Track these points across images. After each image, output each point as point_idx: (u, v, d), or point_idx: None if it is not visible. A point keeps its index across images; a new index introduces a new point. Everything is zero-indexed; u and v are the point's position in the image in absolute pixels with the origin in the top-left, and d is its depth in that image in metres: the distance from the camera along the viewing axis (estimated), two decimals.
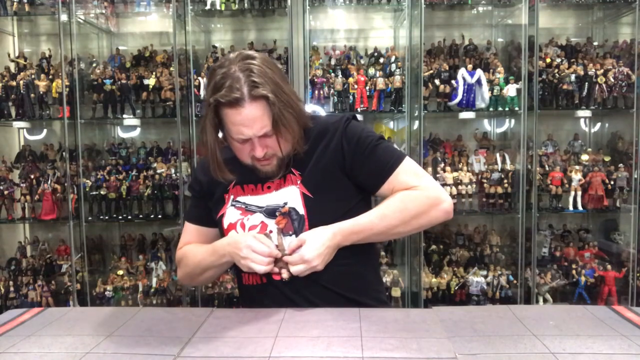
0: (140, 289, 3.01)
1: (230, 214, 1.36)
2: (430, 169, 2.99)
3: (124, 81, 3.00)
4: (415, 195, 1.27)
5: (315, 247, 1.20)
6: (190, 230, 1.48)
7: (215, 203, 1.41)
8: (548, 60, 3.00)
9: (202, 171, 1.44)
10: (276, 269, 1.25)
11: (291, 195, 1.30)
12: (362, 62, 3.14)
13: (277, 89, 1.20)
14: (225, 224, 1.36)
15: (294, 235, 1.27)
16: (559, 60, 3.01)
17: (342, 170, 1.31)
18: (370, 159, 1.30)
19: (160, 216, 3.07)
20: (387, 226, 1.27)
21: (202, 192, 1.44)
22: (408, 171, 1.30)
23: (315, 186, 1.30)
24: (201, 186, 1.44)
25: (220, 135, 1.29)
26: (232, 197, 1.37)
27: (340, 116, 1.37)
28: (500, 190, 2.97)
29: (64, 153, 3.03)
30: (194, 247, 1.43)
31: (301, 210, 1.28)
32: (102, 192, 3.02)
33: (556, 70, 2.96)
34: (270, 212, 1.31)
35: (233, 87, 1.17)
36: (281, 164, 1.31)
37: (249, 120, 1.19)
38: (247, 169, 1.33)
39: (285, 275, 1.24)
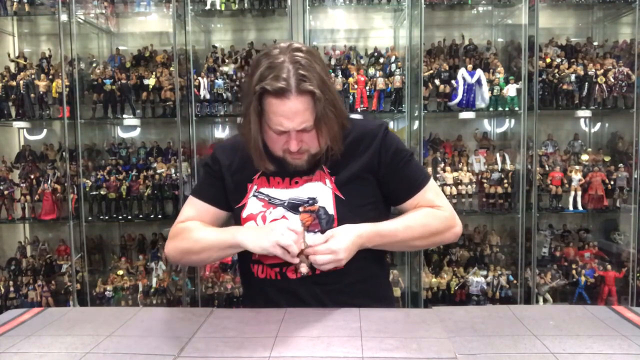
0: (140, 289, 3.01)
1: (252, 205, 1.33)
2: (430, 169, 2.99)
3: (124, 81, 3.00)
4: (439, 214, 1.33)
5: (343, 240, 1.20)
6: (197, 207, 1.41)
7: (234, 190, 1.37)
8: (548, 60, 2.99)
9: (224, 154, 1.41)
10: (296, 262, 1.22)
11: (322, 194, 1.29)
12: (362, 62, 3.14)
13: (323, 85, 1.19)
14: (245, 214, 1.33)
15: (319, 233, 1.26)
16: (559, 60, 3.01)
17: (374, 175, 1.33)
18: (402, 172, 1.33)
19: (160, 216, 3.07)
20: (409, 237, 1.29)
21: (221, 173, 1.39)
22: (433, 190, 1.36)
23: (348, 188, 1.30)
24: (220, 167, 1.40)
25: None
26: (255, 187, 1.35)
27: (379, 123, 1.37)
28: (500, 190, 2.97)
29: (64, 153, 3.03)
30: (199, 225, 1.37)
31: (331, 210, 1.28)
32: (102, 192, 3.02)
33: (556, 70, 2.96)
34: (293, 206, 1.29)
35: (280, 77, 1.15)
36: (312, 160, 1.30)
37: (292, 113, 1.18)
38: (275, 160, 1.31)
39: (304, 269, 1.22)
